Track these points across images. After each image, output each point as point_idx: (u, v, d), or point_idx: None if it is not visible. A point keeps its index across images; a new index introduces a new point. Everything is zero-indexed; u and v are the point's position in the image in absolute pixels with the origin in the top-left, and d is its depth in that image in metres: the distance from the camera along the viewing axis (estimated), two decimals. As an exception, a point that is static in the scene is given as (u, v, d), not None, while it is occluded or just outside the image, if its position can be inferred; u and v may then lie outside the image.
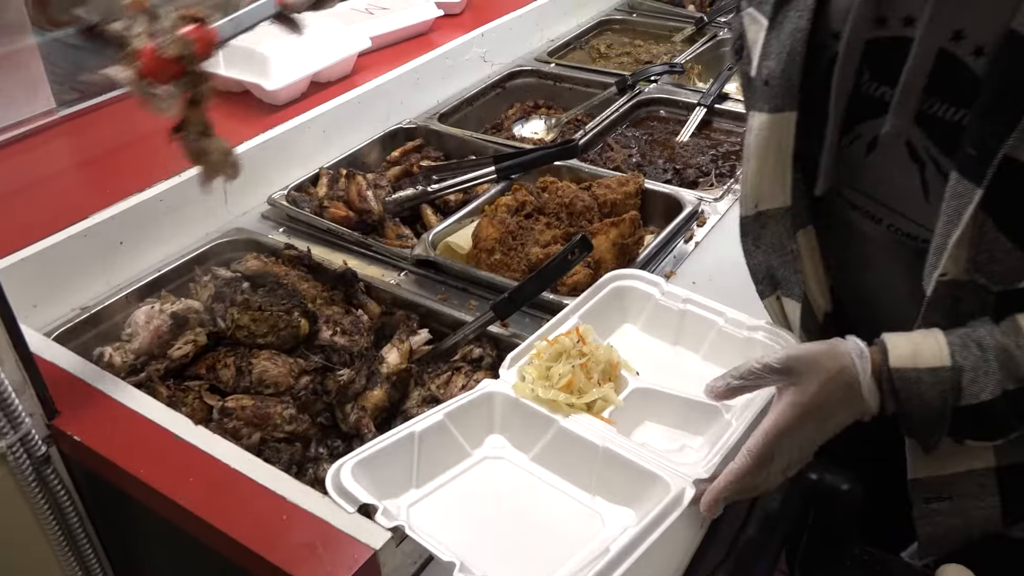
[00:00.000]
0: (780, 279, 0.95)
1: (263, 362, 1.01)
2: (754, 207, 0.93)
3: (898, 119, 0.79)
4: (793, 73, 0.84)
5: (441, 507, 0.82)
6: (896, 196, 0.85)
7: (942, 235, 0.76)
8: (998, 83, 0.70)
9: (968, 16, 0.72)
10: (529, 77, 1.89)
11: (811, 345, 0.81)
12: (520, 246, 1.16)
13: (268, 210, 1.36)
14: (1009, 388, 0.74)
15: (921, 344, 0.77)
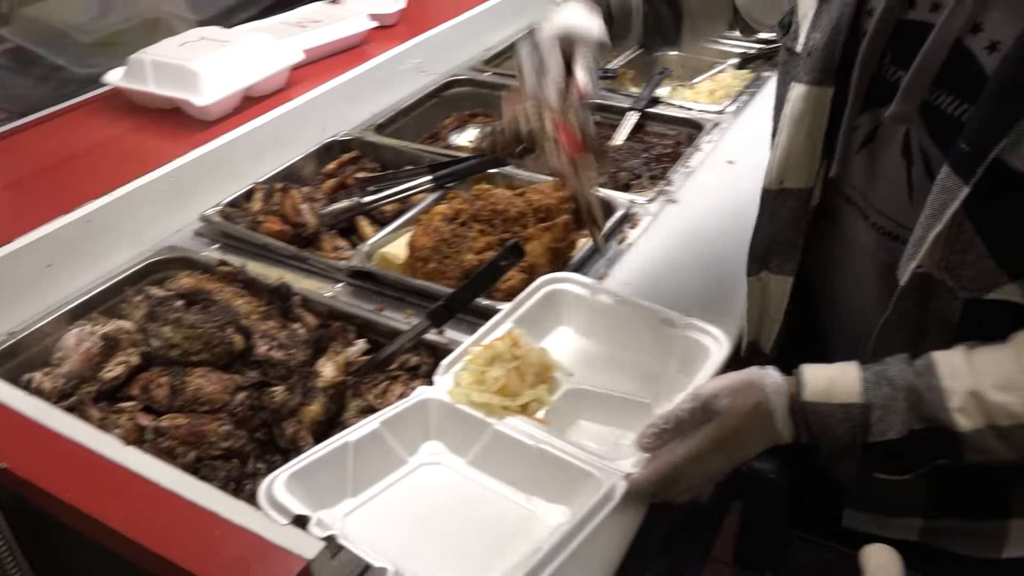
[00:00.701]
0: (774, 257, 0.97)
1: (197, 379, 1.01)
2: (779, 183, 0.94)
3: (904, 104, 0.79)
4: (835, 47, 0.84)
5: (378, 515, 0.83)
6: (880, 191, 0.87)
7: (923, 227, 0.77)
8: (1004, 81, 0.71)
9: (990, 9, 0.73)
10: (465, 86, 1.90)
11: (728, 381, 0.83)
12: (455, 254, 1.17)
13: (202, 227, 1.35)
14: (916, 428, 0.76)
15: (836, 379, 0.80)
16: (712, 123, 1.64)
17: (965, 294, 0.78)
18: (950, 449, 0.76)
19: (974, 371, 0.75)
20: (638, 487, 0.83)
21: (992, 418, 0.73)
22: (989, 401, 0.73)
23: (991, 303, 0.77)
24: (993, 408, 0.73)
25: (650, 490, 0.84)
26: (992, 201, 0.72)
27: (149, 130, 1.49)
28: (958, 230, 0.75)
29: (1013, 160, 0.70)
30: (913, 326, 0.82)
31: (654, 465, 0.83)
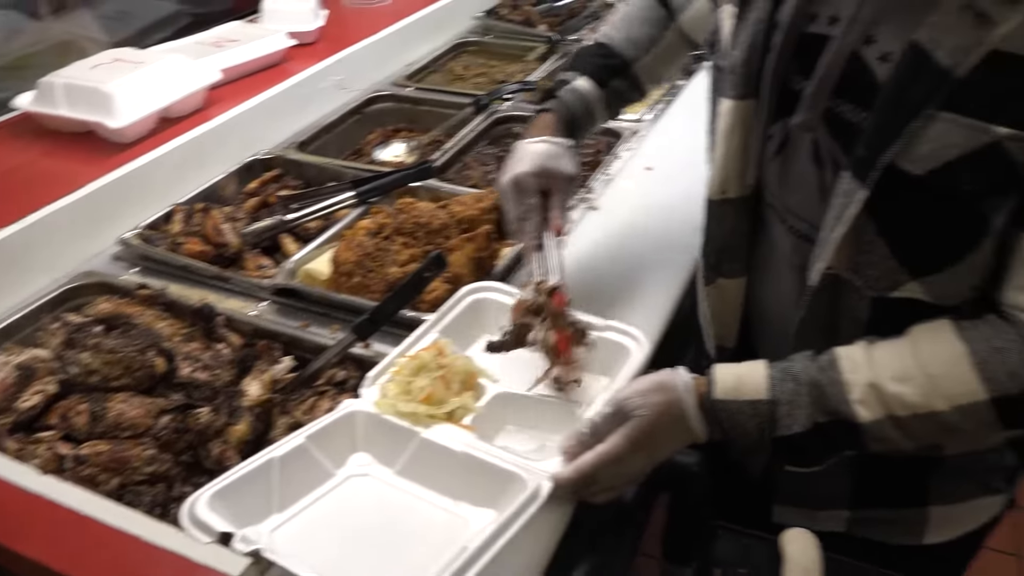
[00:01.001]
0: (727, 262, 1.00)
1: (118, 405, 0.99)
2: (721, 193, 0.96)
3: (808, 113, 0.83)
4: (754, 62, 0.88)
5: (306, 529, 0.83)
6: (795, 196, 0.90)
7: (828, 229, 0.81)
8: (895, 90, 0.75)
9: (881, 23, 0.77)
10: (388, 102, 1.91)
11: (640, 384, 0.86)
12: (379, 267, 1.18)
13: (120, 251, 1.33)
14: (820, 421, 0.79)
15: (744, 376, 0.83)
16: (630, 131, 1.68)
17: (872, 293, 0.82)
18: (852, 440, 0.80)
19: (872, 364, 0.78)
20: (559, 484, 0.85)
21: (890, 408, 0.77)
22: (886, 392, 0.77)
23: (897, 301, 0.81)
24: (890, 399, 0.77)
25: (570, 489, 0.86)
26: (890, 204, 0.76)
27: (62, 154, 1.46)
28: (861, 232, 0.78)
29: (905, 164, 0.74)
30: (826, 325, 0.85)
31: (574, 465, 0.85)
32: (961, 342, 0.76)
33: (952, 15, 0.70)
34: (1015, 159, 0.70)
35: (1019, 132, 0.69)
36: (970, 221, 0.75)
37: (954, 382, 0.75)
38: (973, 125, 0.70)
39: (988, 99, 0.70)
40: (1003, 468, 0.98)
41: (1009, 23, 0.68)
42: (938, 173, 0.72)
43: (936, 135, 0.72)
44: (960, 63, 0.70)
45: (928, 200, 0.75)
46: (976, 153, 0.71)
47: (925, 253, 0.79)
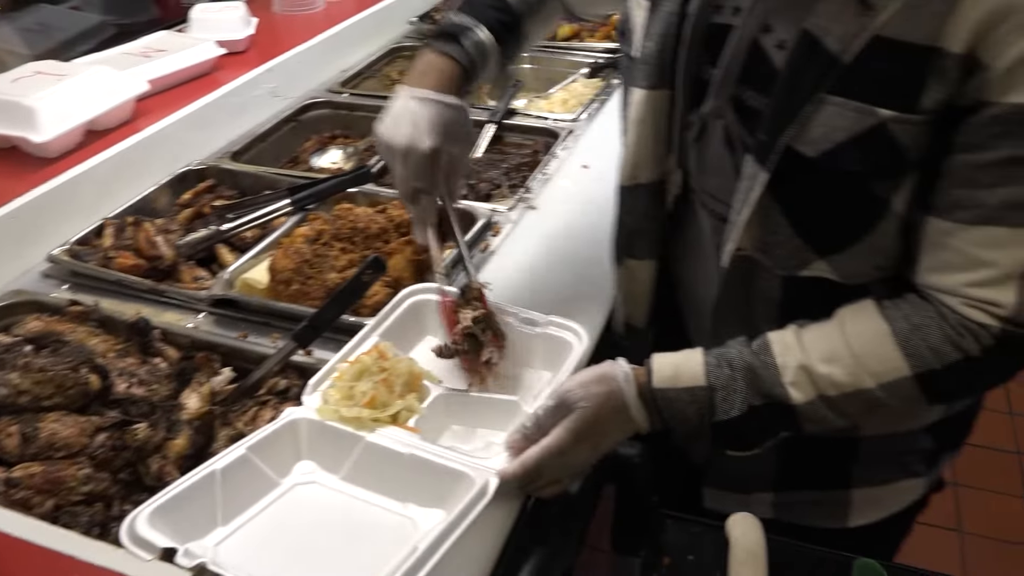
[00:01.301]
0: (638, 245, 1.01)
1: (51, 424, 0.96)
2: (632, 179, 0.98)
3: (717, 100, 0.86)
4: (667, 53, 0.89)
5: (252, 541, 0.82)
6: (713, 179, 0.92)
7: (736, 212, 0.83)
8: (789, 76, 0.78)
9: (777, 12, 0.80)
10: (323, 108, 1.89)
11: (581, 376, 0.87)
12: (317, 274, 1.17)
13: (49, 268, 1.29)
14: (755, 404, 0.82)
15: (681, 365, 0.85)
16: (566, 131, 1.70)
17: (782, 272, 0.85)
18: (787, 422, 0.82)
19: (803, 347, 0.81)
20: (505, 479, 0.85)
21: (821, 389, 0.80)
22: (817, 373, 0.80)
23: (807, 280, 0.84)
24: (821, 380, 0.80)
25: (515, 484, 0.86)
26: (790, 185, 0.79)
27: (-18, 172, 1.42)
28: (766, 213, 0.81)
29: (800, 146, 0.77)
30: (741, 305, 0.88)
31: (519, 459, 0.86)
32: (884, 321, 0.79)
33: (838, 3, 0.74)
34: (899, 141, 0.74)
35: (902, 115, 0.73)
36: (865, 202, 0.79)
37: (879, 360, 0.78)
38: (860, 108, 0.74)
39: (873, 83, 0.73)
40: (921, 451, 1.01)
41: (888, 10, 0.71)
42: (829, 155, 0.76)
43: (827, 118, 0.75)
44: (847, 49, 0.73)
45: (824, 181, 0.78)
46: (863, 135, 0.74)
47: (826, 232, 0.82)
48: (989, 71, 0.69)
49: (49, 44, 1.81)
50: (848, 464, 0.99)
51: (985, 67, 0.69)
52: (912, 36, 0.71)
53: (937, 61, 0.70)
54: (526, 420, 0.88)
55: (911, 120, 0.73)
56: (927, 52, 0.70)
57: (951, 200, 0.75)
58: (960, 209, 0.74)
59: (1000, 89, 0.69)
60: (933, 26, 0.70)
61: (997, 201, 0.72)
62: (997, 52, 0.68)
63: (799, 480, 1.01)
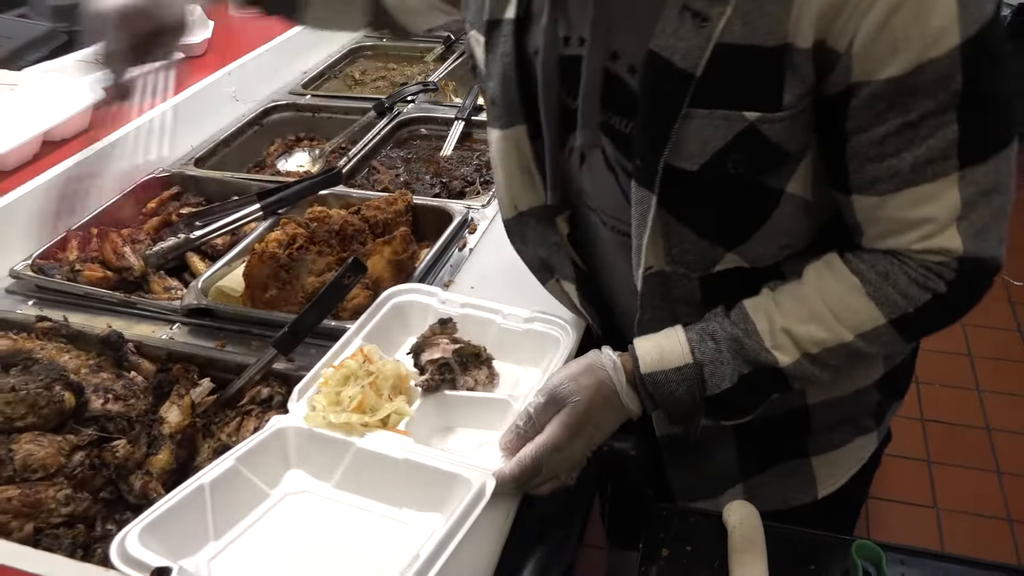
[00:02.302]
0: (554, 265, 1.01)
1: (26, 445, 0.93)
2: (513, 209, 0.98)
3: (585, 132, 0.86)
4: (511, 93, 0.89)
5: (245, 554, 0.80)
6: (607, 201, 0.92)
7: (637, 236, 0.84)
8: (647, 99, 0.78)
9: (619, 38, 0.80)
10: (286, 111, 1.86)
11: (569, 369, 0.87)
12: (294, 279, 1.14)
13: (12, 284, 1.25)
14: (744, 372, 0.83)
15: (665, 346, 0.85)
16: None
17: (697, 274, 0.85)
18: (778, 383, 0.84)
19: (781, 310, 0.82)
20: (502, 481, 0.84)
21: (804, 348, 0.81)
22: (797, 334, 0.81)
23: (721, 273, 0.85)
24: (802, 339, 0.81)
25: (513, 484, 0.85)
26: (681, 198, 0.80)
27: (-64, 187, 1.37)
28: (667, 228, 0.82)
29: (680, 163, 0.78)
30: (663, 314, 0.88)
31: (516, 459, 0.85)
32: (852, 275, 0.80)
33: (674, 20, 0.74)
34: (771, 139, 0.75)
35: (767, 114, 0.74)
36: (758, 195, 0.80)
37: (854, 313, 0.80)
38: (726, 115, 0.74)
39: (731, 89, 0.74)
40: (868, 406, 1.02)
41: (723, 17, 0.72)
42: (709, 165, 0.77)
43: (697, 131, 0.76)
44: (696, 62, 0.74)
45: (712, 188, 0.79)
46: (736, 140, 0.75)
47: (728, 229, 0.83)
48: (847, 56, 0.70)
49: (-1, 54, 1.75)
50: (803, 436, 1.00)
51: (840, 54, 0.70)
52: (755, 39, 0.71)
53: (788, 58, 0.71)
54: (518, 418, 0.87)
55: (777, 118, 0.74)
56: (775, 51, 0.71)
57: (867, 177, 0.76)
58: (879, 182, 0.76)
59: (866, 70, 0.70)
60: (773, 26, 0.70)
61: (909, 164, 0.74)
62: (847, 38, 0.69)
63: (761, 463, 1.02)
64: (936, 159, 0.73)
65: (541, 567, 0.83)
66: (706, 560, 0.89)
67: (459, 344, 0.99)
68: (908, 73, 0.69)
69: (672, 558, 0.91)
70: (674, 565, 0.90)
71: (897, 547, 0.89)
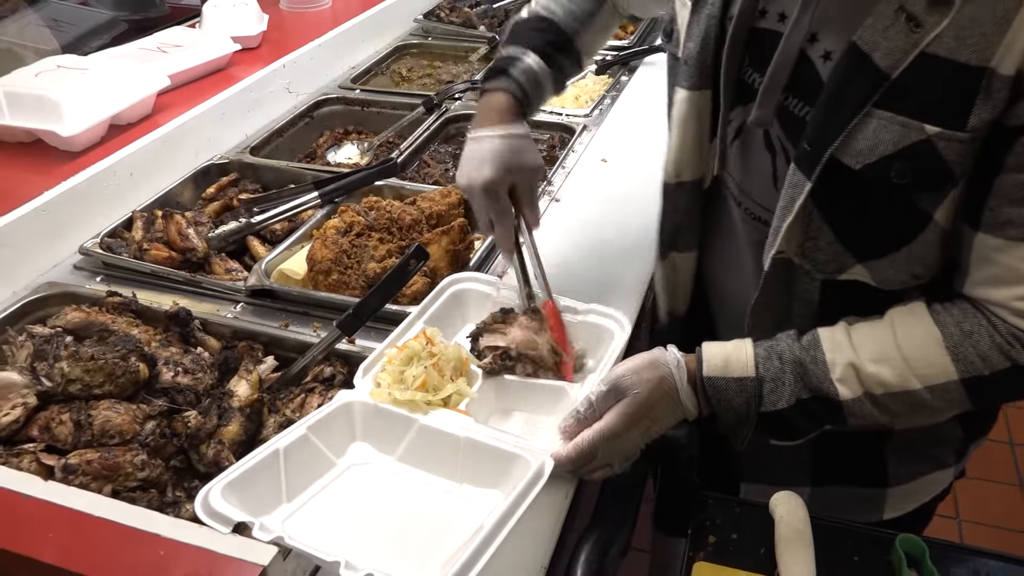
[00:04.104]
0: (683, 238, 1.03)
1: (104, 412, 0.97)
2: (675, 177, 1.00)
3: (762, 109, 0.86)
4: (707, 54, 0.91)
5: (315, 518, 0.83)
6: (751, 180, 0.93)
7: (779, 218, 0.85)
8: (835, 88, 0.78)
9: (824, 22, 0.80)
10: (336, 104, 1.91)
11: (634, 362, 0.89)
12: (356, 264, 1.18)
13: (81, 260, 1.30)
14: (803, 397, 0.84)
15: (732, 355, 0.87)
16: (581, 125, 1.73)
17: (821, 276, 0.87)
18: (833, 416, 0.85)
19: (853, 345, 0.83)
20: (560, 462, 0.87)
21: (868, 387, 0.82)
22: (865, 372, 0.82)
23: (844, 283, 0.86)
24: (868, 379, 0.82)
25: (569, 466, 0.88)
26: (833, 194, 0.81)
27: (9, 165, 1.42)
28: (808, 219, 0.83)
29: (845, 158, 0.78)
30: (780, 305, 0.90)
31: (574, 443, 0.88)
32: (935, 326, 0.81)
33: (887, 18, 0.74)
34: (945, 157, 0.75)
35: (948, 131, 0.74)
36: (908, 213, 0.80)
37: (928, 364, 0.80)
38: (906, 123, 0.75)
39: (920, 99, 0.74)
40: (951, 442, 1.03)
41: (938, 28, 0.72)
42: (873, 167, 0.77)
43: (872, 132, 0.76)
44: (895, 65, 0.74)
45: (867, 192, 0.79)
46: (908, 149, 0.75)
47: (868, 240, 0.84)
48: None
49: (62, 40, 1.80)
50: (884, 461, 1.01)
51: None
52: (961, 56, 0.71)
53: (986, 81, 0.71)
54: (579, 404, 0.90)
55: (957, 137, 0.73)
56: (976, 72, 0.71)
57: (1002, 218, 0.76)
58: (1010, 227, 0.76)
59: None
60: (983, 47, 0.70)
61: None
62: None
63: (836, 475, 1.04)
64: None
65: (600, 547, 0.86)
66: (752, 549, 0.91)
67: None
68: None
69: (719, 545, 0.93)
70: (720, 552, 0.93)
71: (940, 542, 0.91)
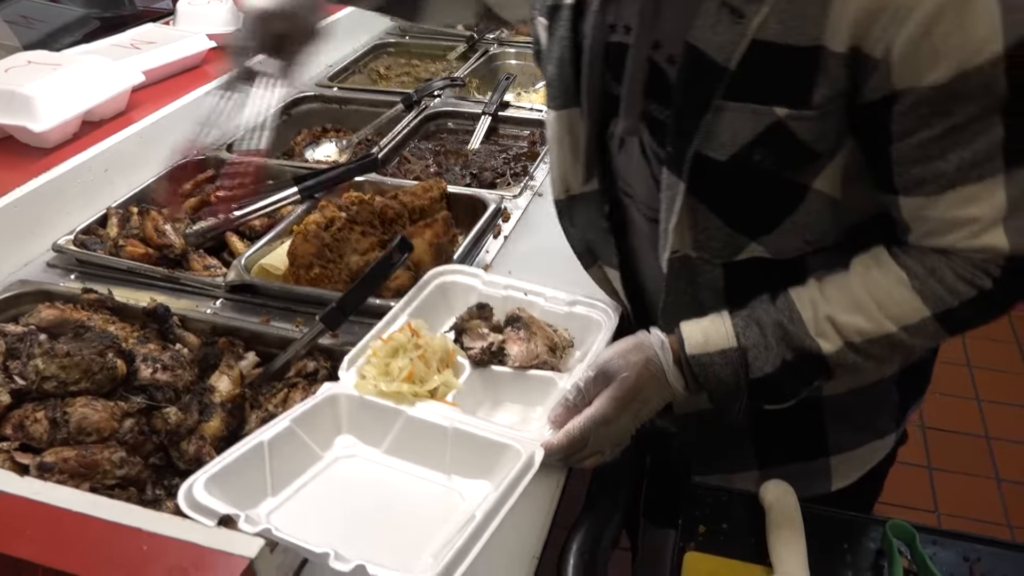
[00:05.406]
0: (598, 251, 1.03)
1: (80, 409, 0.95)
2: (565, 191, 1.01)
3: (627, 119, 0.88)
4: (567, 75, 0.92)
5: (302, 511, 0.82)
6: (640, 187, 0.94)
7: (665, 220, 0.86)
8: (682, 88, 0.80)
9: (662, 29, 0.82)
10: (313, 103, 1.89)
11: (618, 346, 0.89)
12: (339, 257, 1.16)
13: (54, 257, 1.27)
14: (787, 358, 0.84)
15: (710, 330, 0.87)
16: (561, 122, 1.72)
17: (720, 261, 0.88)
18: (820, 370, 0.85)
19: (826, 299, 0.84)
20: (550, 451, 0.87)
21: (847, 336, 0.83)
22: (841, 323, 0.83)
23: (745, 262, 0.87)
24: (846, 328, 0.83)
25: (560, 454, 0.88)
26: (710, 187, 0.83)
27: (-23, 162, 1.38)
28: (694, 215, 0.84)
29: (710, 152, 0.80)
30: (689, 300, 0.91)
31: (564, 430, 0.88)
32: (900, 268, 0.82)
33: (712, 15, 0.76)
34: (800, 136, 0.77)
35: (796, 111, 0.76)
36: (785, 189, 0.82)
37: (899, 306, 0.82)
38: (757, 110, 0.77)
39: (763, 84, 0.76)
40: (888, 406, 1.04)
41: (760, 15, 0.74)
42: (738, 156, 0.79)
43: (728, 123, 0.78)
44: (730, 56, 0.76)
45: (740, 179, 0.81)
46: (764, 134, 0.77)
47: (754, 218, 0.85)
48: (885, 64, 0.71)
49: (32, 37, 1.77)
50: (822, 428, 1.02)
51: (877, 60, 0.72)
52: (790, 38, 0.73)
53: (821, 60, 0.73)
54: (568, 392, 0.89)
55: (806, 116, 0.75)
56: (808, 52, 0.73)
57: (913, 179, 0.78)
58: (925, 184, 0.77)
59: (907, 77, 0.72)
60: (808, 27, 0.72)
61: (954, 166, 0.75)
62: (884, 46, 0.71)
63: (779, 454, 1.05)
64: (981, 161, 0.74)
65: (591, 537, 0.85)
66: (742, 538, 0.91)
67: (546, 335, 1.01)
68: (951, 80, 0.71)
69: (709, 535, 0.93)
70: (711, 542, 0.92)
71: (929, 528, 0.92)
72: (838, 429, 1.02)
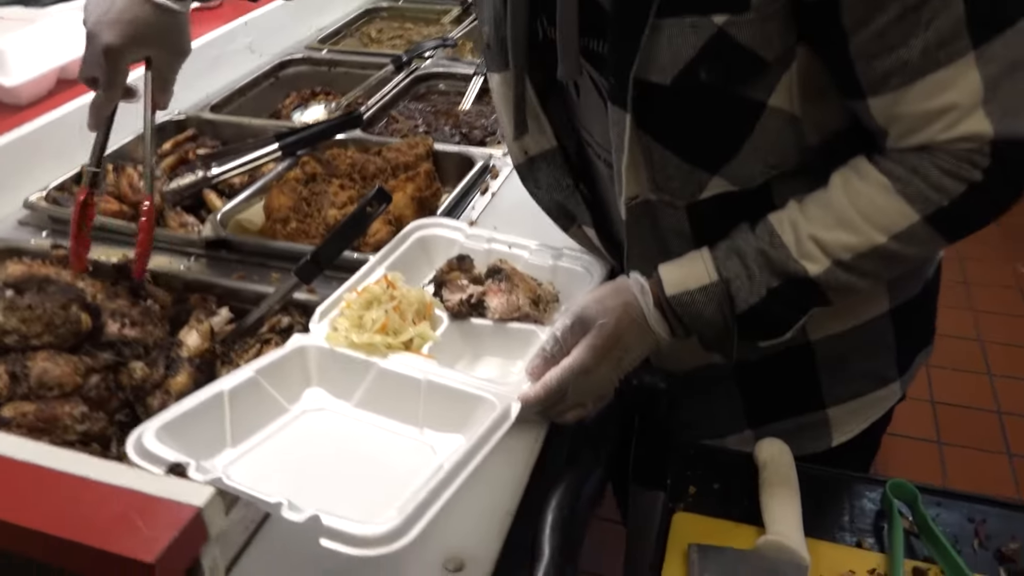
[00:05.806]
0: (572, 210, 0.99)
1: (41, 363, 0.91)
2: (524, 154, 0.96)
3: (565, 62, 0.82)
4: (502, 32, 0.87)
5: (263, 463, 0.78)
6: (598, 130, 0.89)
7: (617, 160, 0.81)
8: (615, 13, 0.75)
9: None
10: (302, 65, 1.85)
11: (596, 292, 0.85)
12: (316, 211, 1.12)
13: (26, 215, 1.23)
14: (773, 285, 0.79)
15: (689, 267, 0.82)
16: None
17: (683, 202, 0.82)
18: (811, 295, 0.80)
19: (808, 218, 0.79)
20: (527, 403, 0.82)
21: (834, 255, 0.77)
22: (826, 241, 0.77)
23: (708, 200, 0.82)
24: (832, 246, 0.77)
25: (538, 407, 0.83)
26: (658, 117, 0.77)
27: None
28: (648, 152, 0.79)
29: (653, 77, 0.75)
30: (654, 247, 0.86)
31: (542, 381, 0.83)
32: (880, 174, 0.76)
33: None
34: (742, 43, 0.71)
35: (734, 16, 0.70)
36: (738, 107, 0.76)
37: (884, 214, 0.76)
38: (695, 22, 0.71)
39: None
40: (887, 350, 0.98)
41: None
42: (683, 75, 0.73)
43: (667, 41, 0.72)
44: None
45: (689, 102, 0.76)
46: (707, 47, 0.72)
47: (711, 148, 0.80)
48: None
49: (13, -3, 1.72)
50: (815, 379, 0.96)
51: None
52: None
53: None
54: (545, 343, 0.85)
55: (745, 19, 0.70)
56: None
57: (878, 74, 0.72)
58: (890, 77, 0.71)
59: None
60: None
61: (918, 52, 0.69)
62: None
63: (771, 410, 0.99)
64: (946, 41, 0.68)
65: (570, 492, 0.80)
66: (735, 498, 0.87)
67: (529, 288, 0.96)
68: None
69: (699, 496, 0.89)
70: (701, 504, 0.88)
71: (931, 488, 0.87)
72: (833, 377, 0.96)
